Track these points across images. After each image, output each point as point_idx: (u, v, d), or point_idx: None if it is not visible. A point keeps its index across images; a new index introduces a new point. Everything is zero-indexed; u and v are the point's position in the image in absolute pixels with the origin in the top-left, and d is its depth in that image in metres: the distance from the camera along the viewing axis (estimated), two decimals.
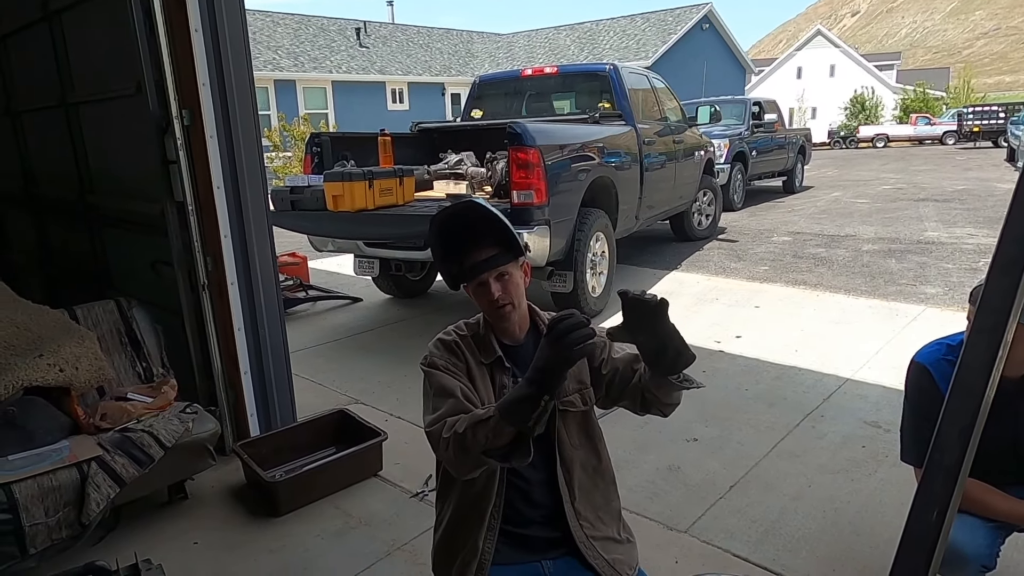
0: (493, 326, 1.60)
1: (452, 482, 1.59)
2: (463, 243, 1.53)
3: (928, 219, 9.16)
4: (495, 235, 1.53)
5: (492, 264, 1.51)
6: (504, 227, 1.54)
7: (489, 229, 1.53)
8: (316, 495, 2.78)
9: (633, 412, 1.61)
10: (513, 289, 1.54)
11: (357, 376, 4.21)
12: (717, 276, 6.53)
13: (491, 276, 1.52)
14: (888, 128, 31.69)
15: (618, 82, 6.22)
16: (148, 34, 2.76)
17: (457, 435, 1.36)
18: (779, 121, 12.78)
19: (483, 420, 1.33)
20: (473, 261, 1.51)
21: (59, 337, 2.57)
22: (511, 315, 1.56)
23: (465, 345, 1.59)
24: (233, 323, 3.02)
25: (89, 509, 2.18)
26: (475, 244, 1.52)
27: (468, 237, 1.52)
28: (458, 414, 1.42)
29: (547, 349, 1.26)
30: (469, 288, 1.57)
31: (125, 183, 3.43)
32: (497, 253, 1.52)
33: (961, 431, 1.27)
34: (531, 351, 1.60)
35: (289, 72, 21.39)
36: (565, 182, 4.73)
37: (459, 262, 1.54)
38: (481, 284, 1.53)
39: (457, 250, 1.53)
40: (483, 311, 1.60)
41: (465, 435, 1.34)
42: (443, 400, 1.48)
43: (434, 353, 1.57)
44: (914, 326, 4.73)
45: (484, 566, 1.53)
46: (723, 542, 2.42)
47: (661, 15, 27.24)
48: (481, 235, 1.52)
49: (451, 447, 1.37)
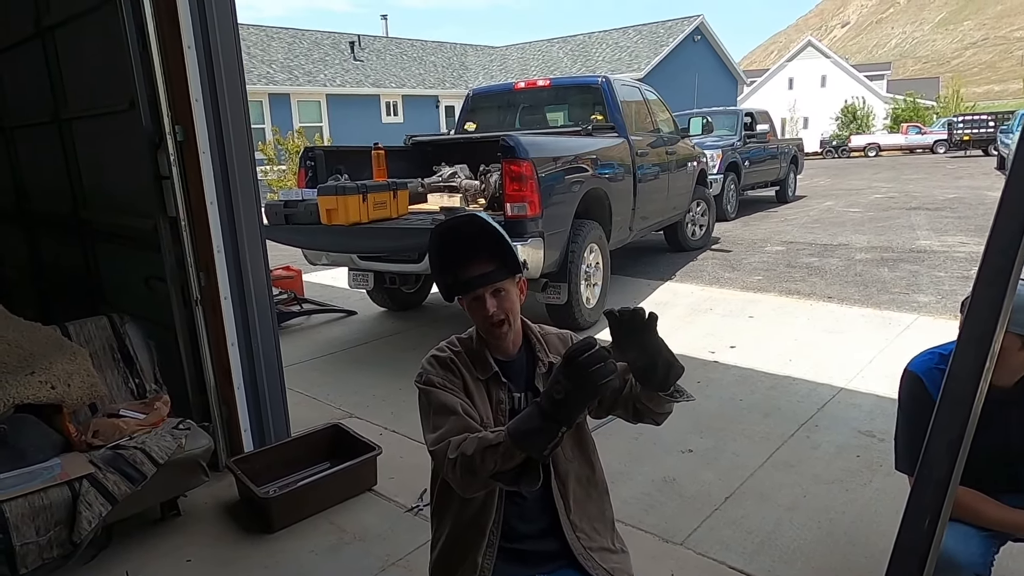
0: (485, 342, 1.60)
1: (449, 499, 1.58)
2: (461, 256, 1.52)
3: (920, 228, 9.22)
4: (493, 250, 1.53)
5: (488, 280, 1.51)
6: (504, 243, 1.54)
7: (488, 244, 1.53)
8: (310, 511, 2.76)
9: (626, 420, 1.61)
10: (509, 306, 1.54)
11: (351, 390, 4.20)
12: (711, 286, 6.54)
13: (487, 291, 1.51)
14: (879, 137, 31.90)
15: (611, 94, 6.25)
16: (141, 50, 2.76)
17: (465, 457, 1.34)
18: (771, 131, 12.86)
19: (493, 445, 1.31)
20: (469, 275, 1.51)
21: (51, 354, 2.56)
22: (506, 333, 1.56)
23: (460, 361, 1.58)
24: (226, 338, 3.01)
25: (81, 527, 2.17)
26: (473, 258, 1.51)
27: (466, 250, 1.52)
28: (462, 432, 1.41)
29: (568, 382, 1.21)
30: (464, 301, 1.56)
31: (118, 198, 3.43)
32: (494, 269, 1.52)
33: (950, 442, 1.27)
34: (524, 366, 1.61)
35: (283, 86, 21.46)
36: (559, 194, 4.75)
37: (455, 274, 1.54)
38: (476, 299, 1.53)
39: (454, 262, 1.53)
40: (477, 326, 1.60)
41: (474, 458, 1.33)
42: (444, 418, 1.46)
43: (429, 370, 1.56)
44: (907, 335, 4.75)
45: None
46: (718, 554, 2.41)
47: (653, 27, 27.46)
48: (479, 249, 1.52)
49: (458, 468, 1.36)
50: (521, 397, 1.60)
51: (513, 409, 1.58)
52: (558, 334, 1.69)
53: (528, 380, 1.61)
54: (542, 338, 1.65)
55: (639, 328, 1.32)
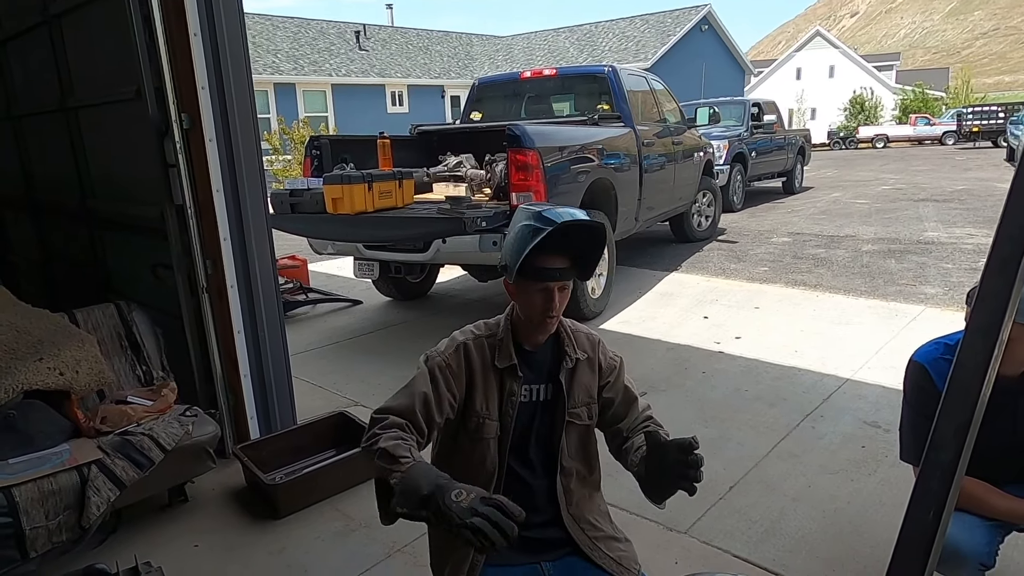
0: (520, 331, 1.59)
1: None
2: (561, 247, 1.50)
3: (928, 219, 9.17)
4: (585, 254, 1.56)
5: (565, 276, 1.53)
6: (600, 256, 1.59)
7: (588, 249, 1.56)
8: (316, 497, 2.78)
9: (607, 444, 1.71)
10: (564, 304, 1.56)
11: (357, 378, 4.22)
12: (717, 277, 6.53)
13: (557, 286, 1.52)
14: (888, 128, 31.71)
15: (617, 84, 6.22)
16: (147, 38, 2.76)
17: (372, 447, 1.38)
18: (778, 122, 12.79)
19: (390, 464, 1.32)
20: (554, 266, 1.50)
21: (59, 341, 2.57)
22: (554, 325, 1.58)
23: (477, 347, 1.58)
24: (233, 326, 3.03)
25: (89, 512, 2.19)
26: (564, 251, 1.51)
27: (569, 245, 1.51)
28: (403, 415, 1.45)
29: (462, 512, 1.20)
30: (520, 286, 1.53)
31: (125, 187, 3.44)
32: (571, 266, 1.54)
33: (957, 429, 1.27)
34: (548, 358, 1.63)
35: (289, 75, 21.43)
36: (564, 184, 4.74)
37: (542, 258, 1.48)
38: (545, 290, 1.51)
39: (551, 250, 1.48)
40: (527, 314, 1.56)
41: (377, 453, 1.35)
42: (407, 395, 1.50)
43: (436, 354, 1.57)
44: (914, 326, 4.73)
45: (476, 566, 1.54)
46: (723, 543, 2.42)
47: (660, 17, 27.27)
48: (576, 247, 1.53)
49: (367, 441, 1.41)
50: (539, 389, 1.61)
51: (524, 403, 1.59)
52: (587, 334, 1.70)
53: (551, 373, 1.62)
54: (572, 333, 1.66)
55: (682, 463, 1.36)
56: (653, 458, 1.42)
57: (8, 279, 4.14)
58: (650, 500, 1.47)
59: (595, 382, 1.65)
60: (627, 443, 1.62)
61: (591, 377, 1.64)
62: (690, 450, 1.33)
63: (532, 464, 1.63)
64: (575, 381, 1.62)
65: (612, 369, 1.67)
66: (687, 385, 3.91)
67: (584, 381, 1.63)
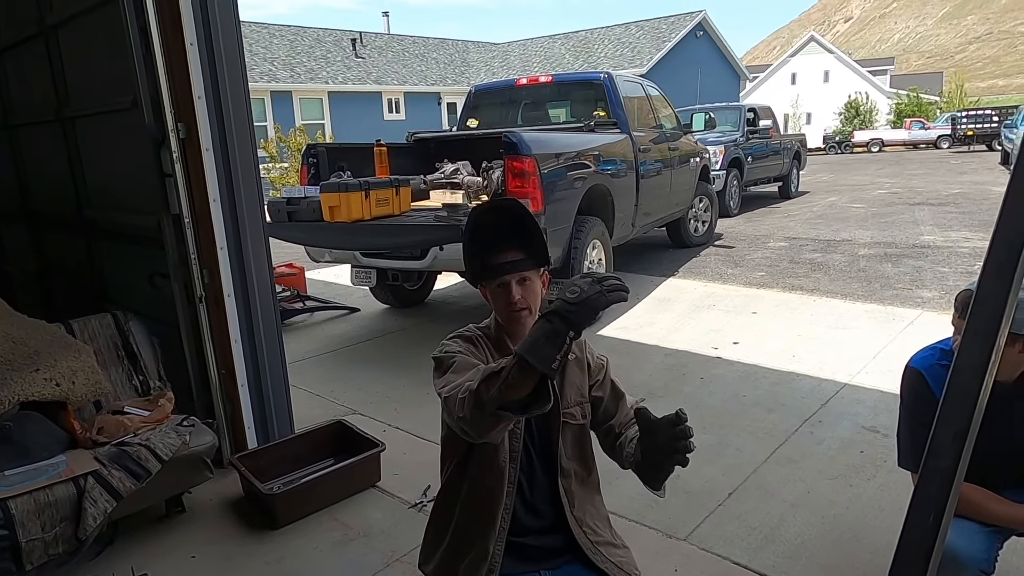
0: (504, 329, 1.61)
1: (457, 487, 1.60)
2: (496, 240, 1.53)
3: (924, 223, 9.19)
4: (526, 239, 1.54)
5: (517, 267, 1.52)
6: (538, 233, 1.56)
7: (522, 231, 1.54)
8: (314, 507, 2.77)
9: (600, 445, 1.70)
10: (532, 296, 1.55)
11: (355, 386, 4.20)
12: (714, 282, 6.53)
13: (514, 279, 1.52)
14: (883, 133, 31.81)
15: (613, 90, 6.24)
16: (144, 48, 2.77)
17: (472, 392, 1.27)
18: (774, 127, 12.83)
19: (496, 371, 1.24)
20: (499, 260, 1.52)
21: (56, 351, 2.56)
22: (527, 319, 1.56)
23: (479, 340, 1.61)
24: (230, 335, 3.02)
25: (86, 524, 2.17)
26: (505, 244, 1.52)
27: (501, 235, 1.53)
28: (467, 368, 1.43)
29: (585, 285, 1.18)
30: (487, 288, 1.57)
31: (121, 196, 3.44)
32: (524, 257, 1.53)
33: (956, 435, 1.27)
34: None
35: (285, 83, 21.47)
36: (561, 190, 4.74)
37: (483, 259, 1.54)
38: (502, 285, 1.53)
39: (489, 245, 1.53)
40: (498, 313, 1.59)
41: (480, 389, 1.25)
42: (460, 368, 1.44)
43: (450, 343, 1.57)
44: (911, 330, 4.74)
45: (493, 570, 1.53)
46: (722, 549, 2.42)
47: (655, 23, 27.39)
48: (513, 236, 1.53)
49: (466, 406, 1.28)
50: None
51: None
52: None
53: None
54: None
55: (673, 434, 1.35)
56: (646, 438, 1.41)
57: (4, 289, 4.14)
58: (649, 487, 1.46)
59: (585, 381, 1.67)
60: (620, 438, 1.62)
61: (581, 377, 1.66)
62: (679, 422, 1.33)
63: (533, 467, 1.63)
64: (566, 381, 1.63)
65: (600, 368, 1.70)
66: (685, 391, 3.90)
67: (575, 381, 1.65)
